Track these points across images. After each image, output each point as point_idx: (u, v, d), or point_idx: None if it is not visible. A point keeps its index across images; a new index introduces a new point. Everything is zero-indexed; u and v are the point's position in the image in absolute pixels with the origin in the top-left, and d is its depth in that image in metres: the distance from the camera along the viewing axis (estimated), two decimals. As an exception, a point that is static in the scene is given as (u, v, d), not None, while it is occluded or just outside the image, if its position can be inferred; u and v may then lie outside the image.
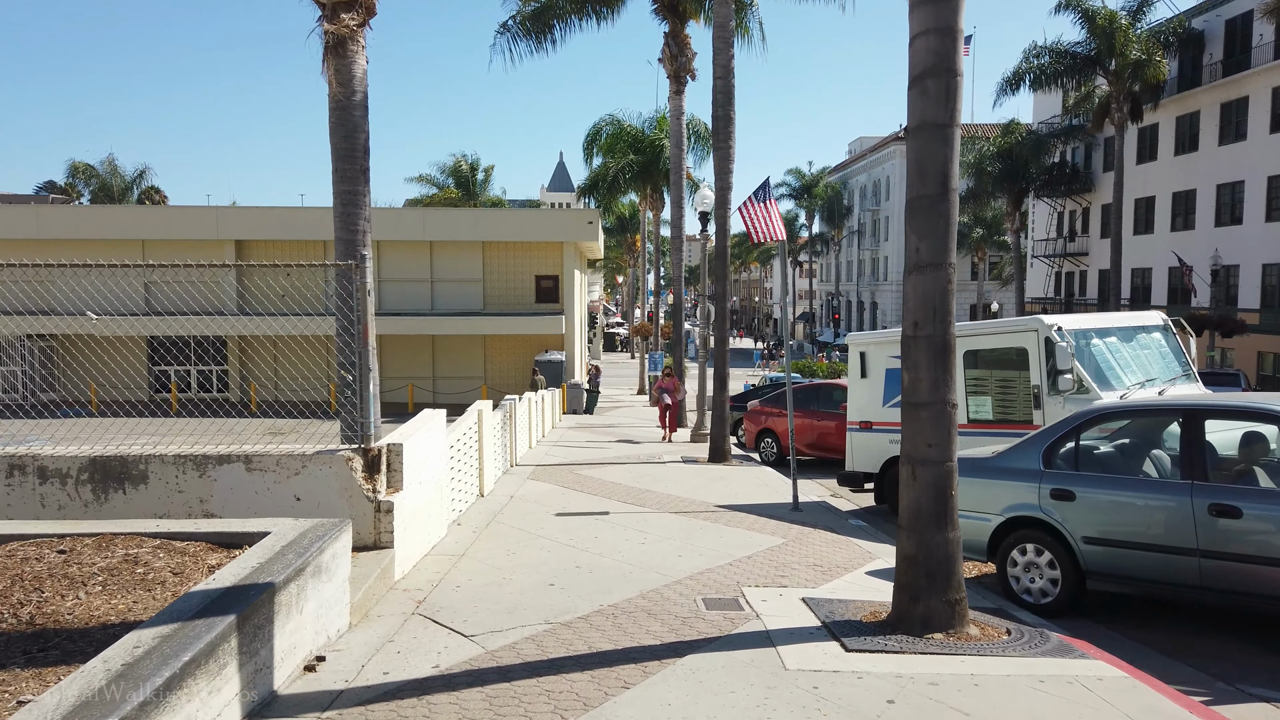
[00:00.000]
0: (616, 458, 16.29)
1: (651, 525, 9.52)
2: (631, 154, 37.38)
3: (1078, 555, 6.50)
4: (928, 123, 5.31)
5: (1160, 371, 9.75)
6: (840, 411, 16.41)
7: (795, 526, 9.70)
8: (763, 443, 18.27)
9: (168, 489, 6.48)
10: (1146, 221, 43.54)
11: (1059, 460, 6.84)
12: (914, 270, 5.43)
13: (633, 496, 11.62)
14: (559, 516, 9.99)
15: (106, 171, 51.35)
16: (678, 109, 25.30)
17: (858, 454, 11.73)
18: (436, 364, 36.03)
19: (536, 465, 14.95)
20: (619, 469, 14.55)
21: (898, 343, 11.81)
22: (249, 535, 5.18)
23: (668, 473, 14.27)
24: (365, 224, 11.22)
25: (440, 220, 35.11)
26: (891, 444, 11.22)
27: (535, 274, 35.54)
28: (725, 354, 16.28)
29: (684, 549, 8.29)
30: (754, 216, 19.87)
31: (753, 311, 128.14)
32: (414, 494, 7.14)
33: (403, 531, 6.75)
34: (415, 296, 35.19)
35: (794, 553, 8.26)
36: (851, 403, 11.86)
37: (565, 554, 7.97)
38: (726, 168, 16.15)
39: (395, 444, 6.79)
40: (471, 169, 52.71)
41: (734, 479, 13.73)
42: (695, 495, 11.90)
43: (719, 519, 10.06)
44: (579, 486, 12.47)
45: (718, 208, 16.31)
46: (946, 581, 5.42)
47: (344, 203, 11.09)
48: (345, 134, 11.01)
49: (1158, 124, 42.12)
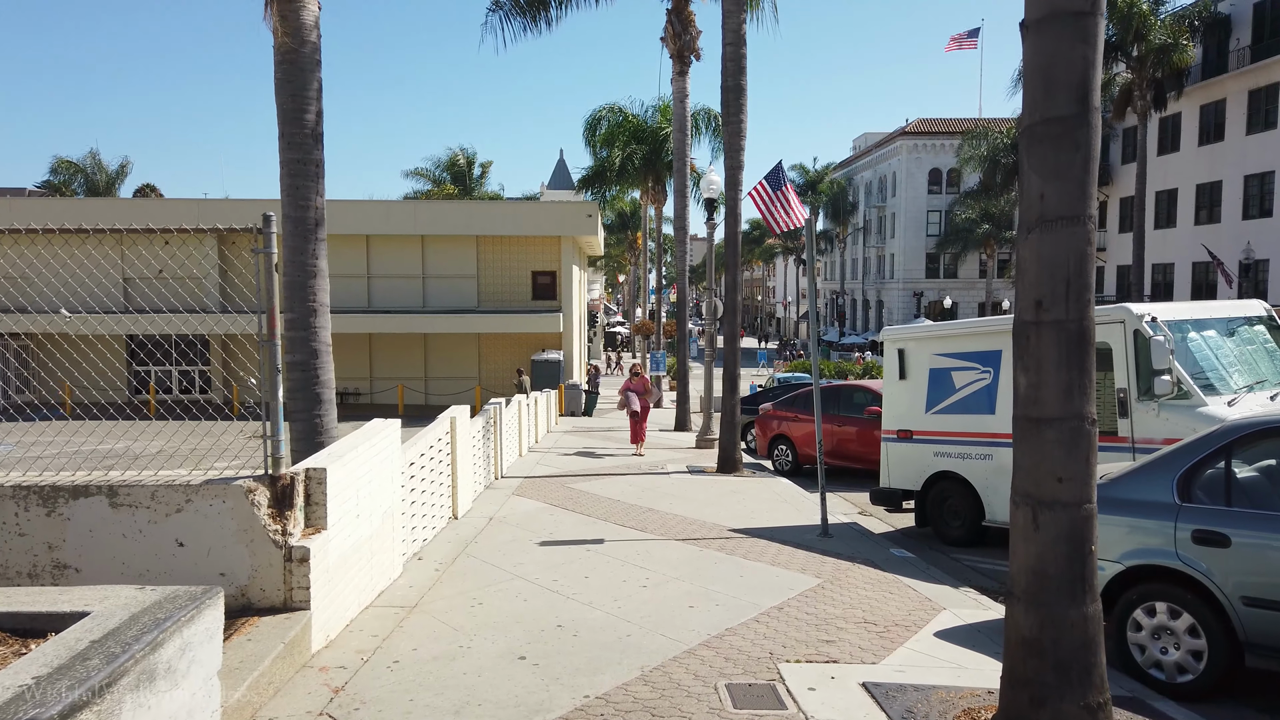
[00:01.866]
0: (615, 468, 14.63)
1: (655, 558, 7.84)
2: (634, 143, 35.68)
3: (1233, 621, 4.80)
4: (1060, 11, 3.64)
5: (1270, 372, 8.06)
6: (864, 417, 14.74)
7: (829, 560, 8.02)
8: (776, 450, 16.58)
9: (4, 531, 4.81)
10: (1168, 215, 41.83)
11: (1201, 491, 5.14)
12: (1036, 226, 3.75)
13: (633, 517, 9.96)
14: (543, 546, 8.31)
15: (91, 166, 49.75)
16: (681, 91, 23.65)
17: (895, 469, 10.07)
18: (429, 364, 34.37)
19: (524, 477, 13.28)
20: (618, 481, 12.88)
21: (944, 338, 10.15)
22: (59, 617, 3.50)
23: (672, 486, 12.60)
24: (318, 198, 9.57)
25: (432, 213, 33.42)
26: (937, 457, 9.56)
27: (532, 270, 33.90)
28: (736, 352, 14.60)
29: (696, 594, 6.62)
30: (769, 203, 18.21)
31: (755, 311, 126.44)
32: (345, 533, 5.47)
33: (325, 585, 5.08)
34: (406, 293, 33.52)
35: (834, 600, 6.59)
36: (888, 408, 10.19)
37: (545, 604, 6.30)
38: (737, 144, 14.47)
39: (316, 469, 5.11)
40: (468, 163, 51.03)
41: (748, 494, 12.06)
42: (705, 515, 10.24)
43: (736, 548, 8.38)
44: (571, 504, 10.80)
45: (728, 189, 14.62)
46: (1085, 677, 3.74)
47: (292, 173, 9.42)
48: (294, 91, 9.34)
49: (1180, 113, 40.40)
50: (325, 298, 9.59)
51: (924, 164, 67.07)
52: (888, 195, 70.36)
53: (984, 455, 9.05)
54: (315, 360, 9.46)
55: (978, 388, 9.09)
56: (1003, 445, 8.89)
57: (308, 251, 9.38)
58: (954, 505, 9.48)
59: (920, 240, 66.95)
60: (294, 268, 9.37)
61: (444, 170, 50.86)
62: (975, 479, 9.12)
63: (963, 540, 9.41)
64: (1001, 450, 8.88)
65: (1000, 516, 8.93)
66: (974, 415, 9.14)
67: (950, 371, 9.37)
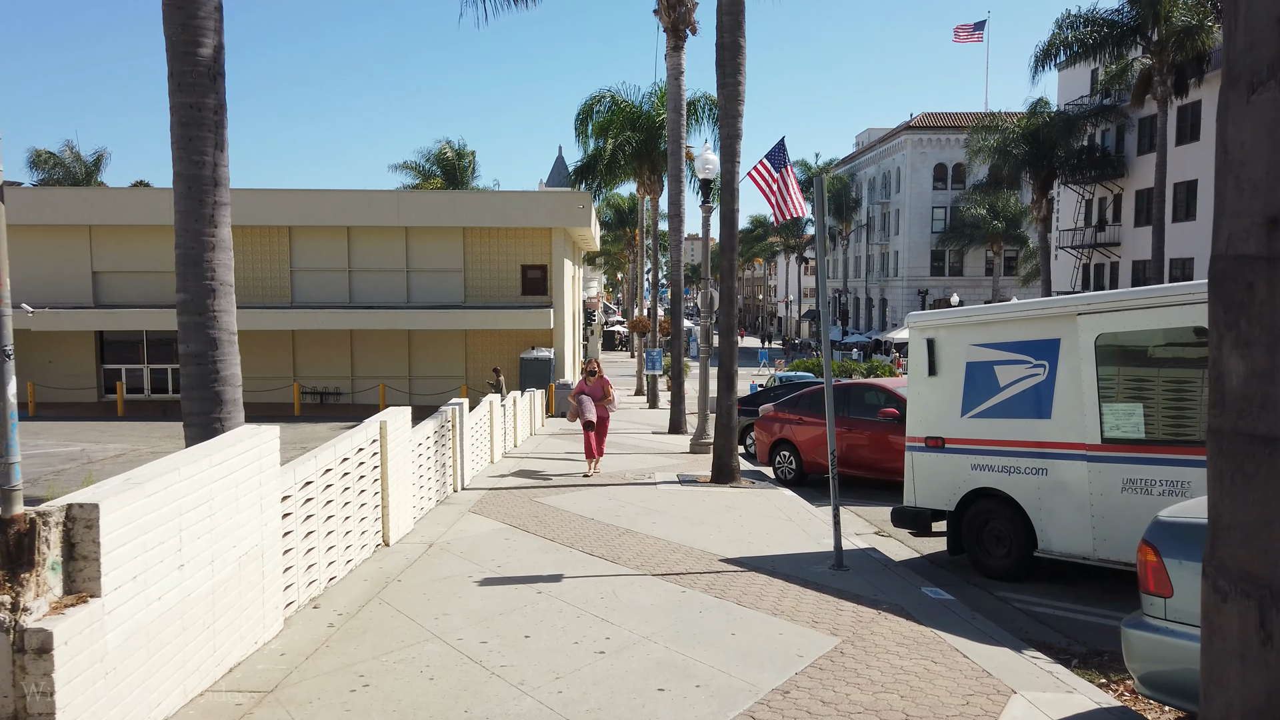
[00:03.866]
0: (595, 477, 12.88)
1: (623, 605, 6.10)
2: (628, 131, 33.91)
3: None
4: None
5: None
6: (878, 420, 13.00)
7: (846, 605, 6.27)
8: (778, 456, 14.82)
9: None
10: (1187, 208, 40.05)
11: None
12: (1259, 85, 2.01)
13: (605, 542, 8.21)
14: (484, 586, 6.56)
15: (69, 159, 48.07)
16: (676, 68, 21.88)
17: (923, 484, 8.30)
18: (413, 362, 32.64)
19: (489, 489, 11.54)
20: (596, 494, 11.14)
21: (985, 324, 7.53)
22: None
23: (658, 500, 10.86)
24: (217, 152, 7.83)
25: (417, 204, 31.64)
26: (976, 470, 7.80)
27: (521, 263, 32.16)
28: (733, 346, 12.85)
29: (670, 667, 4.87)
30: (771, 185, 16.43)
31: (756, 310, 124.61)
32: (147, 597, 3.74)
33: (97, 685, 3.34)
34: (389, 288, 31.79)
35: (860, 674, 4.84)
36: (914, 410, 8.42)
37: (458, 684, 4.55)
38: (735, 110, 12.71)
39: (82, 507, 3.37)
40: (458, 155, 49.16)
41: (745, 509, 10.32)
42: (693, 538, 8.49)
43: (728, 588, 6.64)
44: (535, 524, 9.05)
45: (724, 161, 12.86)
46: None
47: (184, 120, 7.67)
48: (184, 19, 7.59)
49: (1200, 101, 38.61)
50: (228, 275, 7.86)
51: (929, 159, 65.33)
52: (891, 191, 68.63)
53: (1035, 469, 7.31)
54: (214, 351, 7.74)
55: (1028, 386, 7.36)
56: (1060, 457, 7.14)
57: (203, 218, 7.65)
58: (997, 530, 7.73)
59: (925, 237, 65.24)
60: (188, 238, 7.65)
61: (433, 163, 49.03)
62: (1024, 498, 7.38)
63: (1008, 573, 7.66)
64: (1059, 464, 7.14)
65: (1058, 546, 7.18)
66: (1023, 420, 7.40)
67: (993, 366, 7.63)
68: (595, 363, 14.10)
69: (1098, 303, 6.89)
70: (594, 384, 13.81)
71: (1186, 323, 6.24)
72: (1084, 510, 6.93)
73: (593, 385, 13.79)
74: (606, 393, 13.69)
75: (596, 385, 13.77)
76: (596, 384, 13.80)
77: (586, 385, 13.83)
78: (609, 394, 13.71)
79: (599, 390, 13.68)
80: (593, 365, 14.12)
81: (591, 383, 13.84)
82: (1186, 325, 6.24)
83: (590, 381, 13.87)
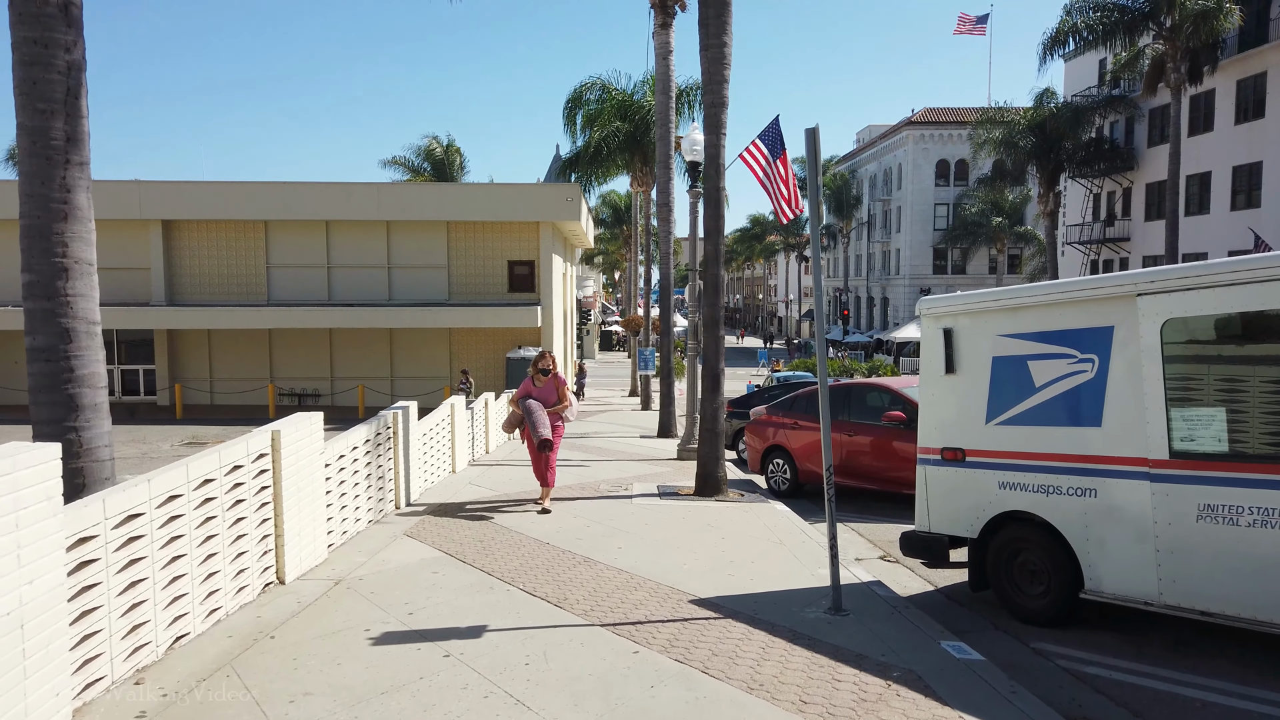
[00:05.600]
0: (565, 487, 11.43)
1: (552, 676, 4.65)
2: (618, 120, 32.46)
3: None
4: None
5: None
6: (882, 424, 11.55)
7: (846, 672, 4.82)
8: (771, 464, 13.36)
9: None
10: (1200, 200, 38.58)
11: None
12: None
13: (555, 576, 6.76)
14: (378, 646, 5.11)
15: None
16: (664, 46, 20.47)
17: (938, 505, 6.83)
18: (395, 361, 31.26)
19: (440, 504, 10.08)
20: (560, 510, 9.68)
21: (1016, 310, 5.84)
22: None
23: (630, 518, 9.40)
24: (72, 101, 6.41)
25: (398, 197, 30.21)
26: (1005, 490, 6.33)
27: (508, 259, 30.79)
28: (718, 341, 11.41)
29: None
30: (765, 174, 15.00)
31: (756, 310, 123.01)
32: None
33: None
34: (370, 285, 30.43)
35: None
36: (927, 415, 6.94)
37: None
38: (719, 75, 11.26)
39: None
40: (447, 151, 47.60)
41: (729, 529, 8.87)
42: (662, 569, 7.05)
43: (695, 645, 5.20)
44: (475, 551, 7.60)
45: (708, 132, 11.40)
46: None
47: (26, 60, 6.25)
48: (23, -66, 6.20)
49: (1214, 90, 37.17)
50: (85, 251, 6.38)
51: (931, 155, 63.91)
52: (893, 188, 67.20)
53: (1081, 489, 5.85)
54: (68, 345, 6.26)
55: (1072, 385, 5.89)
56: (1114, 475, 5.68)
57: (53, 180, 6.19)
58: (1032, 563, 6.27)
59: (927, 235, 63.84)
60: (33, 204, 6.18)
61: (422, 159, 47.50)
62: (1067, 525, 5.93)
63: (1046, 616, 6.19)
64: (1112, 483, 5.68)
65: (1110, 586, 5.71)
66: (1065, 428, 5.94)
67: (1026, 360, 6.17)
68: (550, 358, 10.23)
69: (1165, 279, 5.42)
70: (545, 386, 10.12)
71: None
72: (1145, 542, 5.48)
73: (544, 388, 10.11)
74: (562, 397, 10.17)
75: (549, 388, 10.13)
76: (549, 386, 10.13)
77: (535, 388, 10.12)
78: (565, 399, 10.18)
79: (551, 394, 10.13)
80: (547, 362, 10.14)
81: (543, 384, 10.12)
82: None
83: (541, 383, 10.12)
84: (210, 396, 30.32)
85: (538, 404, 9.95)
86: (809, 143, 6.09)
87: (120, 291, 29.34)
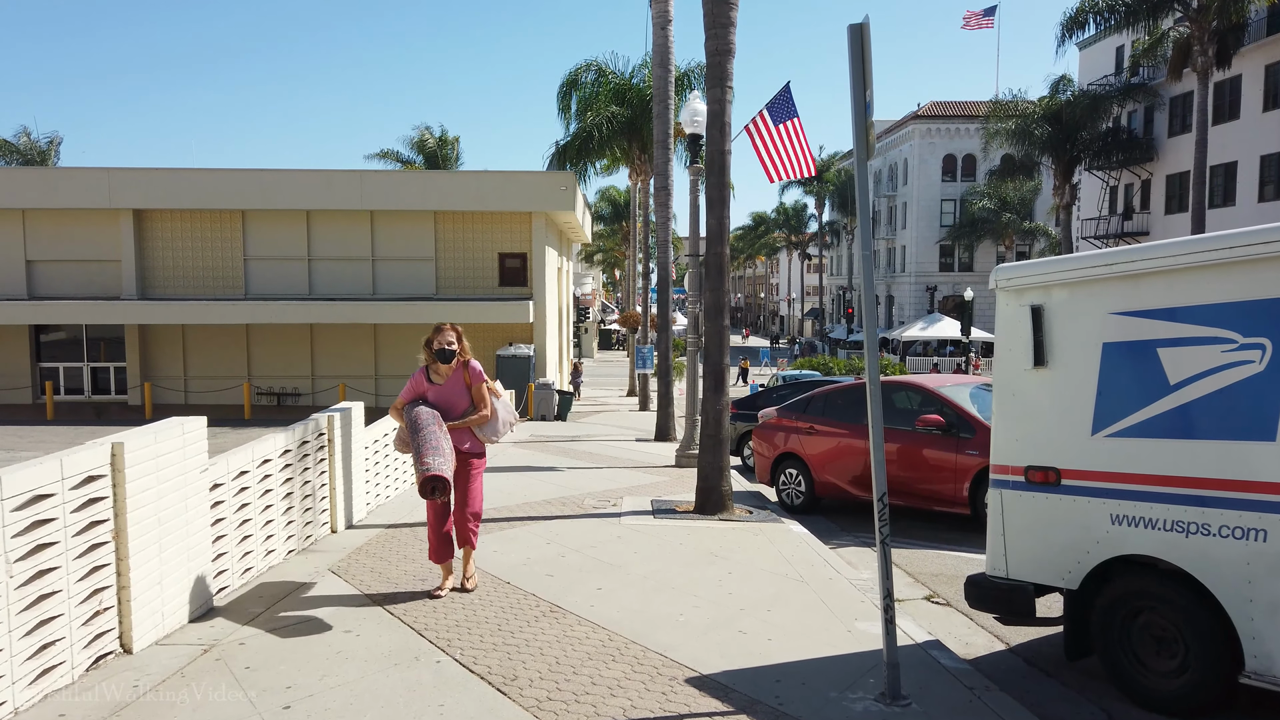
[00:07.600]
0: (544, 502, 9.72)
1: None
2: (614, 105, 30.78)
3: None
4: None
5: None
6: (915, 430, 9.83)
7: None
8: (783, 475, 11.63)
9: None
10: (1225, 192, 36.89)
11: None
12: None
13: (506, 637, 5.06)
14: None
15: (24, 145, 45.00)
16: (663, 15, 18.72)
17: (1021, 542, 5.08)
18: (379, 359, 29.55)
19: (386, 527, 8.36)
20: (531, 536, 7.97)
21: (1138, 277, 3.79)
22: None
23: (617, 544, 7.68)
24: None
25: (383, 185, 28.48)
26: (1120, 525, 4.61)
27: (499, 251, 29.13)
28: (722, 331, 9.70)
29: None
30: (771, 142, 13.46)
31: (758, 309, 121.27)
32: None
33: None
34: (353, 278, 28.75)
35: None
36: (1005, 424, 5.17)
37: None
38: (725, 17, 9.54)
39: None
40: (440, 142, 45.85)
41: (738, 561, 7.16)
42: (652, 626, 5.35)
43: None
44: (407, 599, 5.88)
45: (711, 85, 9.67)
46: None
47: None
48: None
49: (1240, 75, 35.51)
50: None
51: (937, 150, 62.20)
52: (898, 184, 65.51)
53: (1243, 529, 4.15)
54: None
55: (1227, 382, 4.20)
56: (1294, 510, 3.96)
57: None
58: (1160, 628, 4.56)
59: (933, 231, 62.15)
60: None
61: (414, 150, 45.78)
62: (1219, 578, 4.22)
63: (1183, 703, 4.46)
64: (1292, 521, 3.97)
65: (1286, 668, 4.00)
66: (1216, 442, 4.24)
67: (1155, 348, 4.47)
68: (453, 330, 5.99)
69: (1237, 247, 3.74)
70: (449, 381, 6.01)
71: None
72: (1345, 608, 3.78)
73: (447, 384, 6.01)
74: (478, 400, 6.01)
75: (454, 384, 6.01)
76: (454, 381, 6.01)
77: (430, 384, 6.02)
78: (486, 401, 6.01)
79: (461, 395, 6.01)
80: (446, 338, 5.92)
81: (445, 378, 6.01)
82: None
83: (441, 376, 6.02)
84: (184, 396, 28.63)
85: (432, 413, 5.78)
86: (853, 44, 4.37)
87: (89, 285, 27.76)
